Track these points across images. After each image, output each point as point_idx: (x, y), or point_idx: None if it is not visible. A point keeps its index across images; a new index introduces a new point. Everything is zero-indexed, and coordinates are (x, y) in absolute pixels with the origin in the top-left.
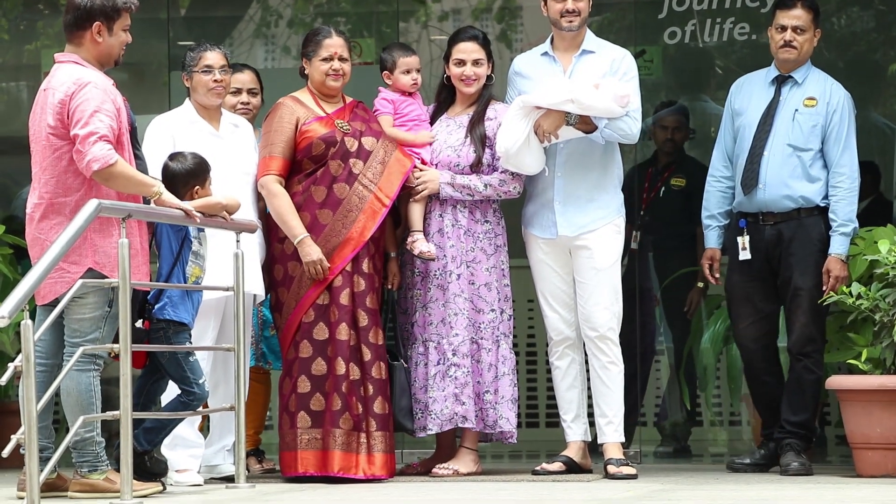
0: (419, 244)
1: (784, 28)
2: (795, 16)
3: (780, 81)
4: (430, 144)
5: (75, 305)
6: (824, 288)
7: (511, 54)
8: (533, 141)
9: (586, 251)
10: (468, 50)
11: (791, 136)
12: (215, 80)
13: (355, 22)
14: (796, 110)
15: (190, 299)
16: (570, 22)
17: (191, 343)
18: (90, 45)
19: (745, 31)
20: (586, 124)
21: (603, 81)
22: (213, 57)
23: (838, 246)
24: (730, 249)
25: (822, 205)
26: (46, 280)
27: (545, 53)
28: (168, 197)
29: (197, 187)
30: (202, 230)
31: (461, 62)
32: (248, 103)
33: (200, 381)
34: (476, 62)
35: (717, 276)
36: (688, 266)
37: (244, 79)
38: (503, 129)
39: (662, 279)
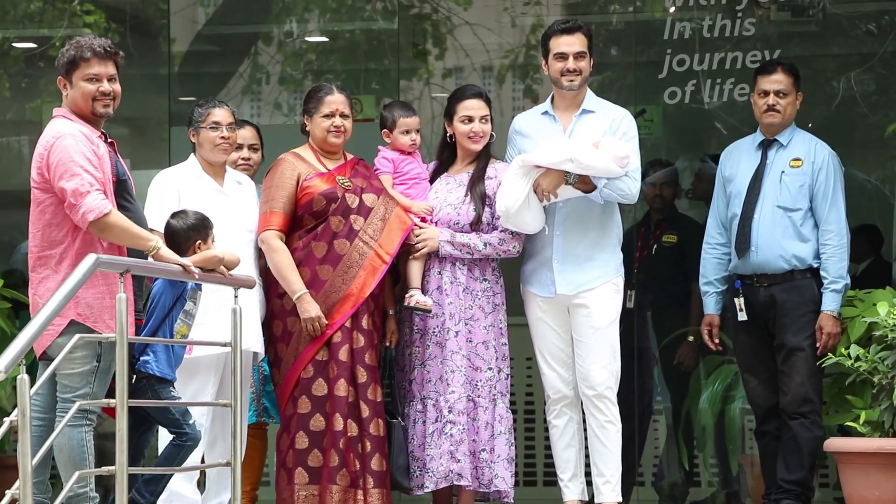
0: (416, 296)
1: (766, 93)
2: (776, 80)
3: (766, 145)
4: (430, 215)
5: (64, 360)
6: (818, 345)
7: (513, 113)
8: (532, 200)
9: (584, 310)
10: (475, 107)
11: (780, 197)
12: (222, 137)
13: (345, 80)
14: (783, 172)
15: (173, 355)
16: (571, 81)
17: (175, 396)
18: (65, 99)
19: (745, 92)
20: (585, 184)
21: (603, 141)
22: (222, 114)
23: (830, 303)
24: (730, 310)
25: (815, 265)
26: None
27: (545, 112)
28: (166, 252)
29: (199, 242)
30: (199, 290)
31: (469, 119)
32: (248, 159)
33: (191, 422)
34: (483, 119)
35: (717, 341)
36: (685, 325)
37: (245, 134)
38: (503, 188)
39: (660, 338)
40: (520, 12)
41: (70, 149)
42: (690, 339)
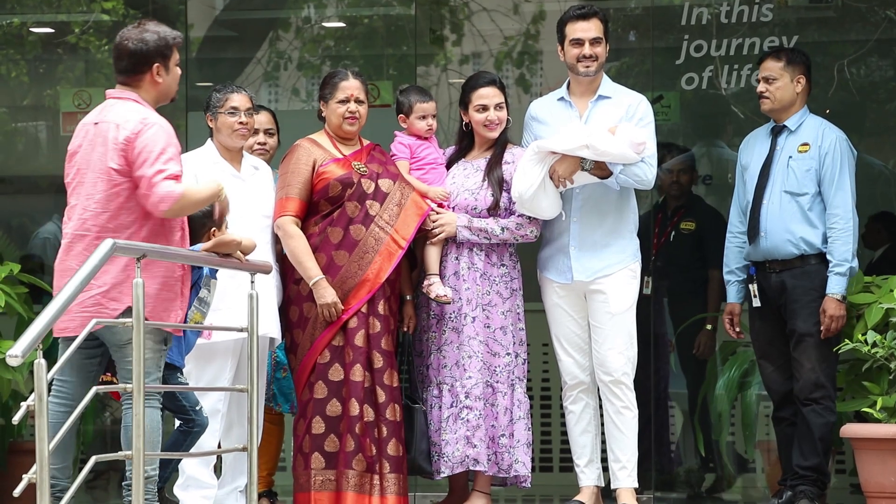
0: (435, 287)
1: (759, 81)
2: (766, 67)
3: (776, 132)
4: (446, 200)
5: (129, 349)
6: (821, 328)
7: (530, 98)
8: (549, 186)
9: (601, 296)
10: (490, 95)
11: (787, 182)
12: (240, 122)
13: (363, 66)
14: (790, 157)
15: (184, 342)
16: (587, 67)
17: (183, 382)
18: (149, 86)
19: None
20: (601, 170)
21: (619, 127)
22: (240, 99)
23: (834, 286)
24: (748, 298)
25: (826, 250)
26: (75, 312)
27: (561, 98)
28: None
29: (214, 230)
30: (214, 278)
31: (483, 107)
32: (264, 144)
33: (197, 408)
34: (498, 106)
35: (738, 329)
36: (702, 311)
37: (262, 119)
38: (518, 173)
39: (677, 325)
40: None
41: (160, 139)
42: (708, 327)
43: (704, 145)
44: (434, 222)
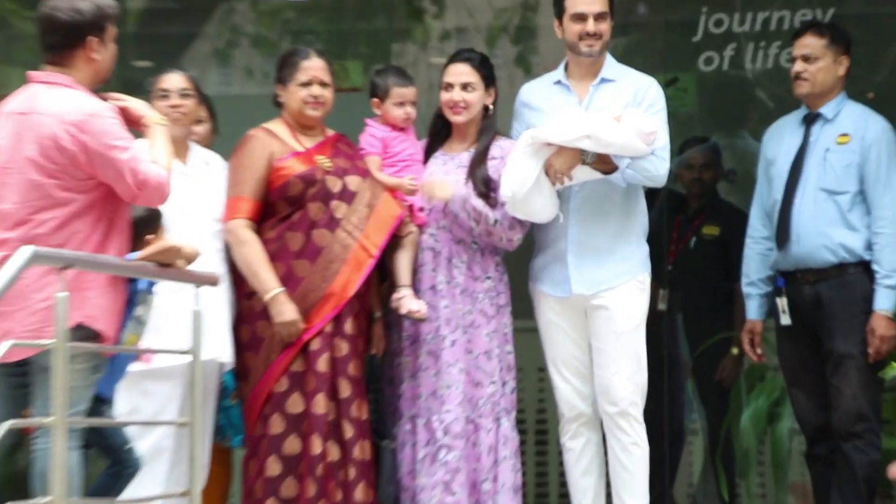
0: (407, 301)
1: (794, 59)
2: (804, 44)
3: (809, 120)
4: (414, 193)
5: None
6: (869, 350)
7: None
8: (544, 182)
9: (605, 312)
10: (457, 72)
11: (823, 178)
12: (171, 106)
13: (329, 42)
14: (827, 149)
15: (114, 369)
16: (591, 46)
17: (113, 416)
18: (83, 64)
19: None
20: (605, 164)
21: (625, 114)
22: (171, 79)
23: (883, 301)
24: (774, 312)
25: (868, 258)
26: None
27: (558, 82)
28: None
29: (151, 236)
30: (151, 293)
31: (449, 86)
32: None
33: (128, 448)
34: (466, 86)
35: (760, 351)
36: (724, 330)
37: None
38: (509, 168)
39: (695, 346)
40: None
41: (117, 131)
42: (734, 351)
43: (726, 136)
44: (429, 183)
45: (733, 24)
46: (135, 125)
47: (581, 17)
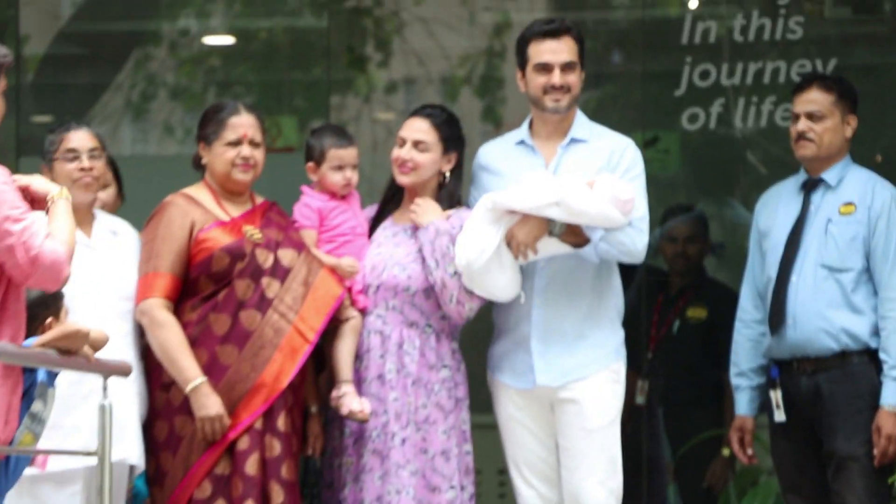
0: (348, 400)
1: (797, 116)
2: (809, 99)
3: (809, 187)
4: (353, 276)
5: None
6: (875, 452)
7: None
8: (505, 256)
9: (574, 406)
10: (412, 128)
11: (824, 253)
12: (82, 169)
13: (260, 95)
14: (829, 220)
15: (5, 474)
16: (557, 101)
17: None
18: None
19: (789, 115)
20: (575, 236)
21: (598, 179)
22: (79, 138)
23: (891, 395)
24: (767, 407)
25: (875, 345)
26: None
27: (521, 142)
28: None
29: (50, 319)
30: (51, 386)
31: (402, 141)
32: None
33: None
34: (418, 144)
35: (751, 451)
36: (713, 428)
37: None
38: (464, 236)
39: (678, 446)
40: (484, 7)
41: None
42: (725, 452)
43: (713, 204)
44: (414, 209)
45: (721, 77)
46: (40, 205)
47: (545, 68)
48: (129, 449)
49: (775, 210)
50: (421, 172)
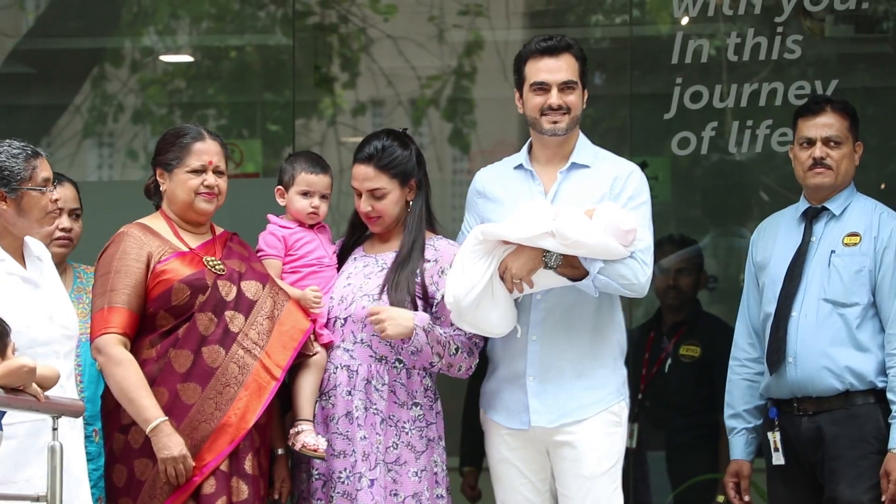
0: (304, 436)
1: (811, 142)
2: (825, 124)
3: (810, 216)
4: (318, 307)
5: None
6: (883, 499)
7: (467, 164)
8: (498, 290)
9: (570, 451)
10: (360, 177)
11: (827, 287)
12: (53, 200)
13: (232, 117)
14: (833, 252)
15: None
16: (555, 123)
17: None
18: None
19: (787, 139)
20: (573, 268)
21: (598, 208)
22: (47, 167)
23: None
24: (765, 449)
25: (882, 385)
26: None
27: (519, 166)
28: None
29: None
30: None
31: (357, 192)
32: (70, 230)
33: None
34: (374, 193)
35: (748, 498)
36: (706, 472)
37: (67, 195)
38: (454, 270)
39: (669, 491)
40: (453, 24)
41: None
42: (720, 500)
43: (705, 233)
44: (373, 316)
45: (714, 99)
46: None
47: (543, 88)
48: (82, 495)
49: (773, 241)
50: (387, 217)
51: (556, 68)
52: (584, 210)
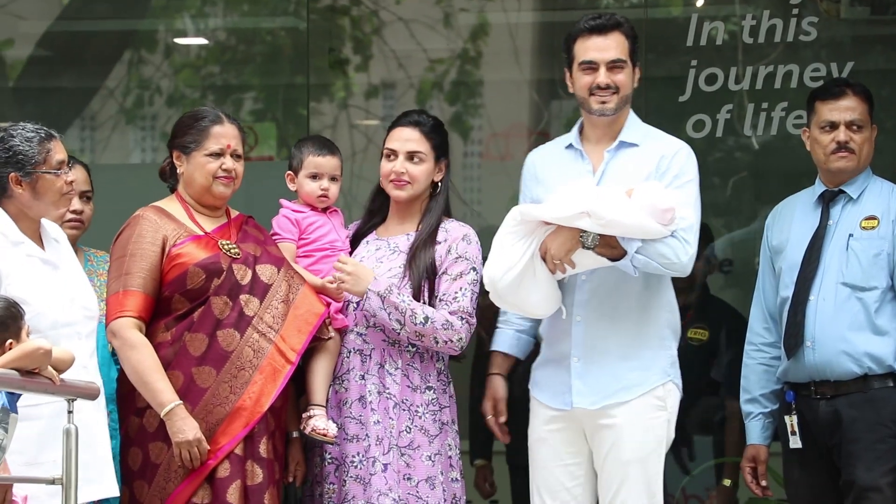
0: (315, 420)
1: (833, 125)
2: (848, 107)
3: (828, 199)
4: (341, 297)
5: None
6: None
7: (467, 148)
8: (540, 271)
9: (611, 434)
10: (402, 138)
11: (845, 271)
12: (69, 182)
13: (246, 99)
14: (851, 235)
15: None
16: (603, 103)
17: None
18: None
19: (802, 122)
20: (611, 248)
21: (638, 187)
22: (62, 149)
23: None
24: (781, 434)
25: None
26: None
27: (570, 146)
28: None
29: (10, 341)
30: (12, 411)
31: (392, 154)
32: (80, 213)
33: None
34: (412, 156)
35: (764, 483)
36: (715, 457)
37: (79, 178)
38: (494, 250)
39: (678, 476)
40: (460, 8)
41: None
42: (727, 482)
43: (719, 216)
44: (338, 277)
45: (729, 81)
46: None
47: (591, 67)
48: (99, 477)
49: (789, 225)
50: (417, 186)
51: (604, 47)
52: (625, 190)
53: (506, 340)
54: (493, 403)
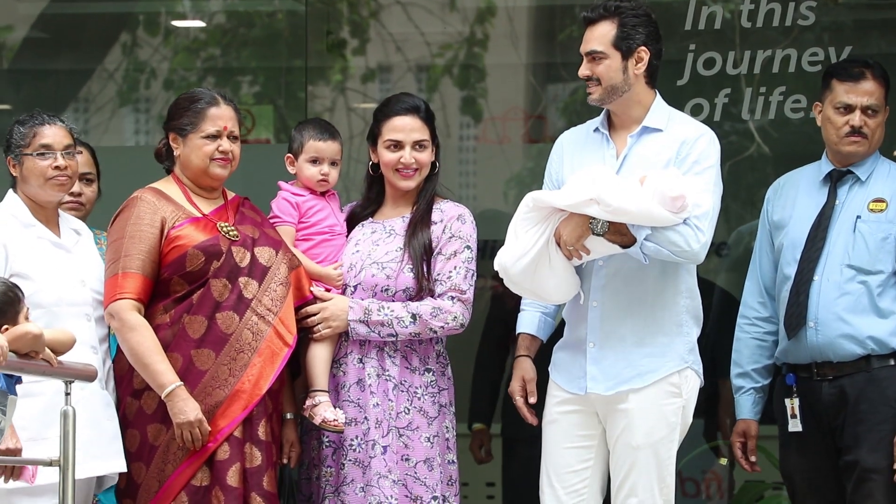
0: (322, 410)
1: (850, 108)
2: (867, 91)
3: (835, 179)
4: (340, 281)
5: None
6: None
7: (473, 131)
8: (555, 257)
9: (623, 420)
10: (406, 128)
11: (851, 253)
12: (56, 167)
13: (243, 82)
14: (858, 217)
15: None
16: (590, 95)
17: None
18: None
19: (800, 106)
20: (621, 235)
21: (650, 174)
22: (54, 133)
23: None
24: (779, 416)
25: None
26: None
27: (596, 129)
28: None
29: (5, 327)
30: (12, 393)
31: (396, 144)
32: (80, 195)
33: None
34: (417, 145)
35: (754, 459)
36: (711, 438)
37: (80, 159)
38: (508, 236)
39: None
40: None
41: None
42: (723, 461)
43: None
44: (314, 317)
45: (727, 65)
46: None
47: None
48: (99, 458)
49: (793, 201)
50: (423, 171)
51: (588, 39)
52: (640, 176)
53: (533, 322)
54: (522, 384)
